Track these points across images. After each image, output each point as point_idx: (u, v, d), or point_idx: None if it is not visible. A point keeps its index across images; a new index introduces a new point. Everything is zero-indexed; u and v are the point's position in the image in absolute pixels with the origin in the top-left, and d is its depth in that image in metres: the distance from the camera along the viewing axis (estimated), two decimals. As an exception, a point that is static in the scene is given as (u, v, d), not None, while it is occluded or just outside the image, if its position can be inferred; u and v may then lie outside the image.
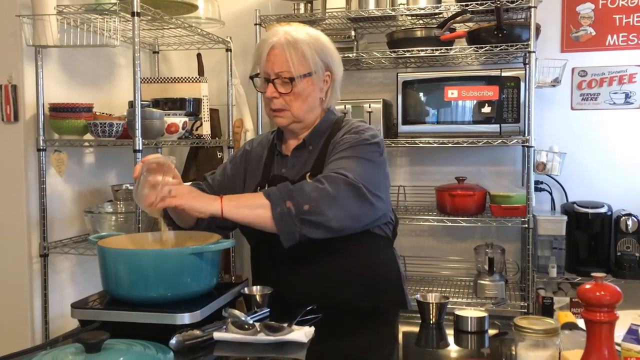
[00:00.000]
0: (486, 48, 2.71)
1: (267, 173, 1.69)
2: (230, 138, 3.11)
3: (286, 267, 1.60)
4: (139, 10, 2.27)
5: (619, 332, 1.00)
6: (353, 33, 2.96)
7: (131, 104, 2.46)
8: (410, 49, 2.81)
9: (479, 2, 2.69)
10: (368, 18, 2.93)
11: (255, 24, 2.94)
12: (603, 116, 2.99)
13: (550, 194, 3.02)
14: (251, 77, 1.68)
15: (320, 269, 1.60)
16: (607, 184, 2.96)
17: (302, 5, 2.97)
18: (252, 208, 1.45)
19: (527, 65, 2.70)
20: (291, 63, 1.57)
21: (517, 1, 2.65)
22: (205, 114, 2.94)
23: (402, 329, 1.50)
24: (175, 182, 1.47)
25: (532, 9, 2.62)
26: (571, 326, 1.20)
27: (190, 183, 1.74)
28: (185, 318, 1.28)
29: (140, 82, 2.31)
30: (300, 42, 1.59)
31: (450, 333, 1.35)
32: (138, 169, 1.46)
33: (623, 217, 2.70)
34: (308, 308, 1.42)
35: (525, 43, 2.66)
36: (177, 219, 1.64)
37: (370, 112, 2.88)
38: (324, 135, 1.67)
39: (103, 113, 2.56)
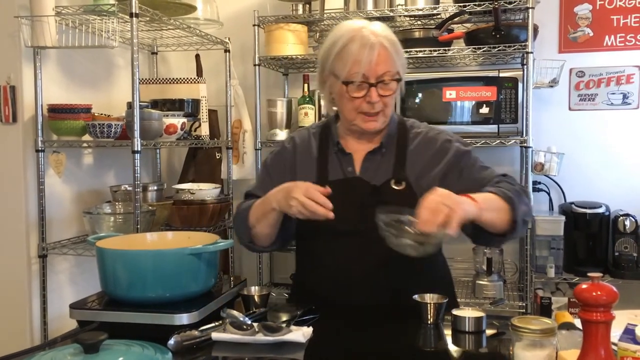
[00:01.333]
0: (484, 49, 2.71)
1: (324, 171, 1.62)
2: (229, 139, 3.11)
3: (355, 274, 1.54)
4: (137, 11, 2.27)
5: (616, 332, 1.00)
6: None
7: (130, 105, 2.46)
8: (408, 49, 2.80)
9: (476, 3, 2.69)
10: (366, 19, 2.93)
11: (254, 25, 2.95)
12: (601, 117, 2.99)
13: (548, 194, 3.02)
14: (345, 83, 1.54)
15: (391, 275, 1.54)
16: (605, 185, 2.96)
17: (300, 6, 2.98)
18: (498, 211, 1.42)
19: (525, 66, 2.71)
20: (396, 63, 1.53)
21: (515, 2, 2.65)
22: (203, 114, 2.94)
23: (400, 328, 1.50)
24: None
25: (530, 10, 2.63)
26: (568, 326, 1.21)
27: (239, 203, 1.72)
28: (183, 318, 1.29)
29: (139, 83, 2.31)
30: (395, 39, 1.55)
31: (448, 333, 1.35)
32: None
33: (621, 218, 2.71)
34: (306, 308, 1.42)
35: (523, 44, 2.66)
36: (261, 238, 1.62)
37: (368, 113, 2.88)
38: (394, 137, 1.63)
39: (101, 114, 2.56)
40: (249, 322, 1.30)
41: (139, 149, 2.30)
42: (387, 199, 1.51)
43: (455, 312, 1.36)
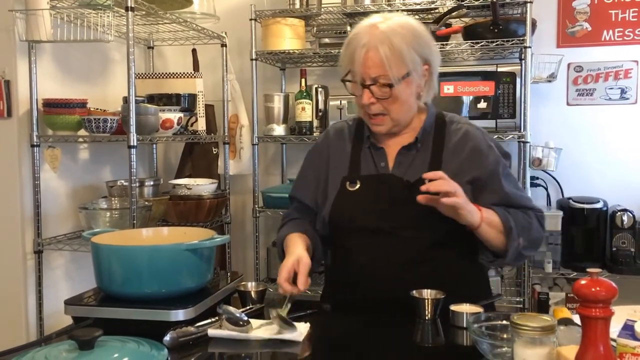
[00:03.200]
0: (482, 43, 2.70)
1: (357, 166, 1.58)
2: (226, 134, 3.10)
3: (388, 272, 1.50)
4: (133, 5, 2.26)
5: (615, 328, 0.99)
6: (349, 28, 2.94)
7: (125, 100, 2.44)
8: (406, 44, 2.79)
9: (474, -3, 2.68)
10: (364, 13, 2.91)
11: (251, 19, 2.93)
12: (599, 112, 2.99)
13: (546, 189, 3.02)
14: (343, 80, 1.53)
15: (424, 274, 1.50)
16: (603, 180, 2.96)
17: (297, 0, 2.96)
18: (498, 232, 1.47)
19: (523, 61, 2.70)
20: (388, 67, 1.44)
21: (513, -4, 2.64)
22: (200, 109, 2.93)
23: (397, 324, 1.49)
24: None
25: (528, 4, 2.62)
26: (567, 322, 1.20)
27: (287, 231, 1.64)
28: (179, 314, 1.28)
29: (135, 77, 2.30)
30: (395, 40, 1.44)
31: (445, 329, 1.35)
32: None
33: (618, 213, 2.71)
34: (307, 312, 1.41)
35: (521, 38, 2.65)
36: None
37: (366, 108, 2.87)
38: (431, 132, 1.58)
39: (97, 109, 2.54)
40: (245, 318, 1.29)
41: (135, 144, 2.28)
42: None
43: (452, 307, 1.36)
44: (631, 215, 2.69)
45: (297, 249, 1.48)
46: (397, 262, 1.49)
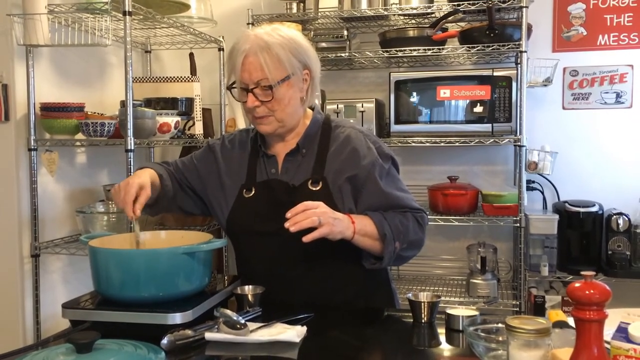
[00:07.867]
0: (478, 48, 2.72)
1: (253, 174, 1.65)
2: (223, 137, 3.10)
3: (279, 272, 1.59)
4: (130, 10, 2.26)
5: (609, 330, 1.00)
6: (345, 32, 2.96)
7: (123, 104, 2.45)
8: (402, 48, 2.81)
9: (470, 2, 2.70)
10: (360, 18, 2.93)
11: (248, 24, 2.94)
12: (594, 116, 3.00)
13: (542, 193, 3.03)
14: (228, 88, 1.62)
15: (312, 274, 1.58)
16: (599, 183, 2.98)
17: (294, 5, 2.97)
18: (373, 239, 1.52)
19: (519, 65, 2.71)
20: (267, 70, 1.51)
21: (508, 1, 2.65)
22: (197, 113, 2.93)
23: (394, 327, 1.50)
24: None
25: (524, 9, 2.63)
26: (561, 324, 1.21)
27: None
28: (176, 318, 1.28)
29: (132, 81, 2.30)
30: (273, 45, 1.52)
31: (441, 332, 1.35)
32: None
33: (614, 216, 2.72)
34: (304, 315, 1.41)
35: (517, 43, 2.66)
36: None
37: (362, 112, 2.88)
38: (316, 137, 1.65)
39: (95, 112, 2.55)
40: (243, 321, 1.30)
41: (133, 148, 2.29)
42: (302, 199, 1.48)
43: (449, 311, 1.36)
44: (626, 218, 2.71)
45: (144, 176, 1.56)
46: (284, 262, 1.58)
